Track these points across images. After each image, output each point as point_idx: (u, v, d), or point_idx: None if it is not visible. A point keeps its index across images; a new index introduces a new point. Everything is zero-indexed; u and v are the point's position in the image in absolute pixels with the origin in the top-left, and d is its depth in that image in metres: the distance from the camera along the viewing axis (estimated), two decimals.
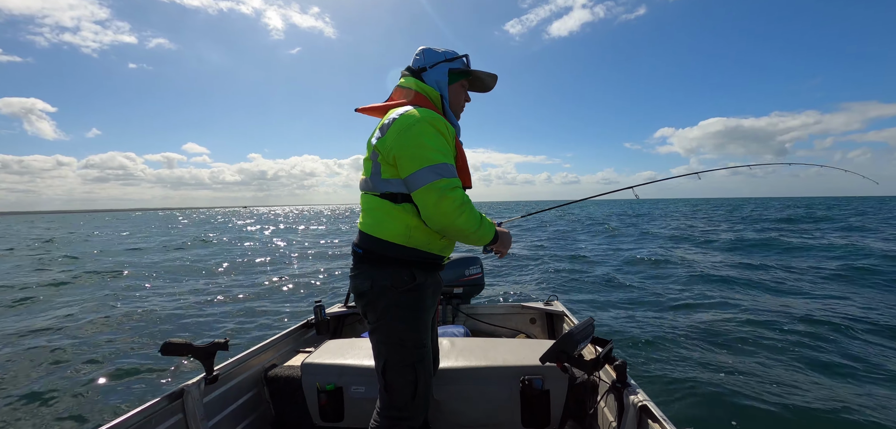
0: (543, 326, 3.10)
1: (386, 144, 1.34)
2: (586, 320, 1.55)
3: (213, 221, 43.20)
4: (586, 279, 8.32)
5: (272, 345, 2.39)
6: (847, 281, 7.51)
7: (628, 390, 1.53)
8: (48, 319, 6.42)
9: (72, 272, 11.07)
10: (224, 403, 1.96)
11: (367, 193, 1.46)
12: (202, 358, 1.84)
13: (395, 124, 1.34)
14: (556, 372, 1.75)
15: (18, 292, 8.47)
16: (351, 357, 1.99)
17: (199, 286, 8.88)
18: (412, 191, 1.31)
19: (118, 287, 8.95)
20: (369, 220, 1.43)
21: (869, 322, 4.85)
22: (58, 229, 37.88)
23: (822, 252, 11.00)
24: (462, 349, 1.99)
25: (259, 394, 2.16)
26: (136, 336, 5.47)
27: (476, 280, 3.31)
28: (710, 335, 4.57)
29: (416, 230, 1.38)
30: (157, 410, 1.65)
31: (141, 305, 7.11)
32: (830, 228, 19.03)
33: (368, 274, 1.40)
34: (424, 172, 1.27)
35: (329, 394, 1.93)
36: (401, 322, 1.40)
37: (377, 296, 1.39)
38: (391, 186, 1.37)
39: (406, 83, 1.50)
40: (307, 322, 2.83)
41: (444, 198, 1.26)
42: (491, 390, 1.83)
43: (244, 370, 2.11)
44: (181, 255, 15.17)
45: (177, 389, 1.76)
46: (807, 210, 38.92)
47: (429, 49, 1.52)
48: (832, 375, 3.56)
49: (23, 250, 17.70)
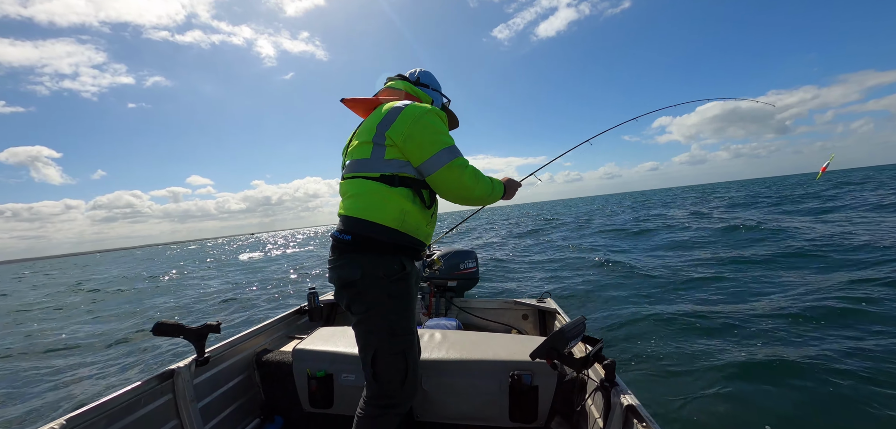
0: (535, 322, 3.12)
1: (399, 130, 1.40)
2: (578, 319, 1.56)
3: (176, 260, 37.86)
4: (575, 275, 8.37)
5: (264, 330, 2.39)
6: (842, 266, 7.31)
7: (616, 389, 1.54)
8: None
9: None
10: (214, 385, 1.96)
11: (357, 176, 1.46)
12: (194, 340, 1.84)
13: (406, 112, 1.43)
14: (545, 369, 1.77)
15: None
16: (342, 345, 2.00)
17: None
18: (432, 172, 1.42)
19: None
20: (360, 203, 1.42)
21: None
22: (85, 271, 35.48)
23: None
24: (453, 342, 2.00)
25: (249, 378, 2.17)
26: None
27: (470, 274, 3.32)
28: (701, 337, 4.61)
29: (410, 215, 1.42)
30: (147, 389, 1.65)
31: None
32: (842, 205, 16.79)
33: (357, 263, 1.39)
34: (443, 153, 1.41)
35: (319, 380, 1.94)
36: (391, 312, 1.41)
37: (368, 286, 1.39)
38: (392, 168, 1.41)
39: (400, 86, 1.64)
40: (300, 309, 2.83)
41: (464, 172, 1.43)
42: (480, 384, 1.84)
43: (235, 354, 2.12)
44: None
45: (167, 369, 1.76)
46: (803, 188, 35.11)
47: (429, 73, 1.75)
48: (833, 376, 3.54)
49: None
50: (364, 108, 1.62)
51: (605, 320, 5.36)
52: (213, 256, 34.87)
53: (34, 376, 4.57)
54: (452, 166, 1.41)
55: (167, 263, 30.46)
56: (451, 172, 1.42)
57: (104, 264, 23.16)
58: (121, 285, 16.39)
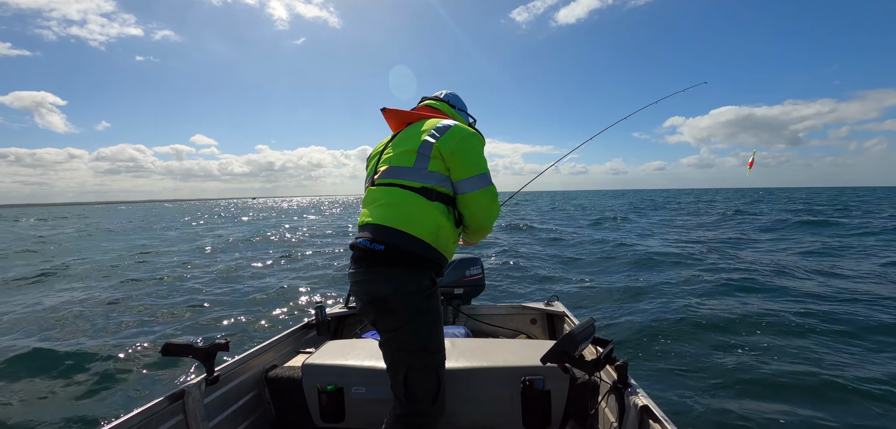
0: (544, 326, 3.10)
1: (448, 144, 1.44)
2: (587, 321, 1.55)
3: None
4: (582, 274, 8.32)
5: (273, 346, 2.39)
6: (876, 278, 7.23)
7: (629, 390, 1.53)
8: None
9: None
10: (225, 403, 1.96)
11: (394, 183, 1.44)
12: (203, 359, 1.84)
13: (456, 129, 1.49)
14: (556, 373, 1.75)
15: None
16: (352, 358, 1.99)
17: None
18: (468, 191, 1.45)
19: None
20: (397, 213, 1.38)
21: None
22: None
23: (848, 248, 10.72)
24: (463, 350, 1.99)
25: (260, 395, 2.16)
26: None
27: (477, 281, 3.31)
28: (715, 334, 4.56)
29: (443, 231, 1.41)
30: (158, 411, 1.65)
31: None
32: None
33: (390, 276, 1.36)
34: (481, 177, 1.46)
35: (330, 395, 1.93)
36: (424, 328, 1.39)
37: (400, 302, 1.36)
38: (433, 180, 1.42)
39: (440, 106, 1.73)
40: (308, 323, 2.83)
41: (493, 201, 1.50)
42: (492, 391, 1.82)
43: (245, 371, 2.12)
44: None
45: (177, 390, 1.76)
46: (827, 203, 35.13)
47: (455, 94, 1.84)
48: (849, 379, 3.48)
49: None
50: (399, 120, 1.65)
51: (614, 321, 5.32)
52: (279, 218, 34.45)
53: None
54: (487, 192, 1.47)
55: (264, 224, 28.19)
56: (484, 196, 1.46)
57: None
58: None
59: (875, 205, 31.77)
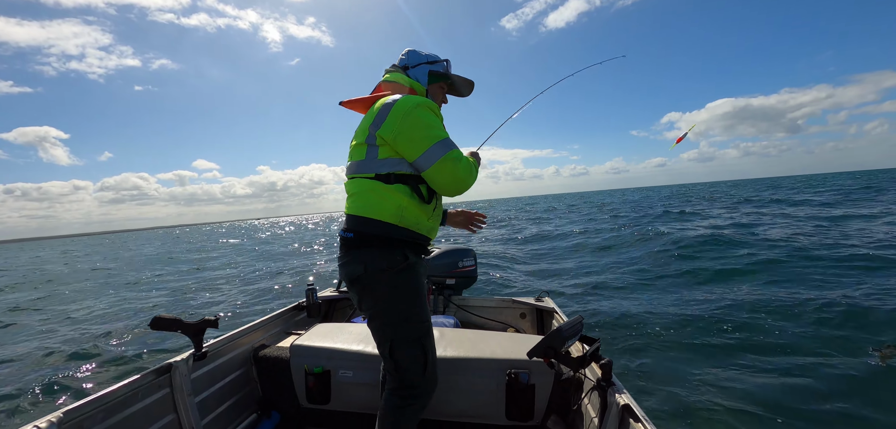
0: (533, 321, 3.12)
1: (389, 128, 1.40)
2: (575, 318, 1.57)
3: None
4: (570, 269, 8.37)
5: (262, 325, 2.40)
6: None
7: (612, 388, 1.55)
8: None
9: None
10: (212, 380, 1.97)
11: (356, 176, 1.48)
12: (191, 334, 1.84)
13: (396, 109, 1.42)
14: (542, 367, 1.77)
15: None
16: (340, 341, 2.00)
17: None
18: (427, 167, 1.40)
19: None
20: (360, 202, 1.45)
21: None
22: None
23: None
24: (451, 340, 2.01)
25: (247, 373, 2.17)
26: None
27: (469, 272, 3.32)
28: (700, 337, 4.60)
29: (408, 210, 1.42)
30: (145, 383, 1.65)
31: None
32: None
33: (360, 258, 1.42)
34: (436, 147, 1.39)
35: (317, 377, 1.94)
36: (402, 301, 1.43)
37: (373, 280, 1.41)
38: (386, 166, 1.42)
39: (393, 78, 1.62)
40: (298, 305, 2.83)
41: (457, 167, 1.41)
42: (477, 382, 1.85)
43: (233, 349, 2.12)
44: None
45: (164, 363, 1.76)
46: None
47: (413, 51, 1.68)
48: (837, 381, 3.50)
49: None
50: (363, 106, 1.62)
51: (603, 319, 5.37)
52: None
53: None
54: (446, 160, 1.39)
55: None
56: (444, 165, 1.40)
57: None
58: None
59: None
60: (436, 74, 1.67)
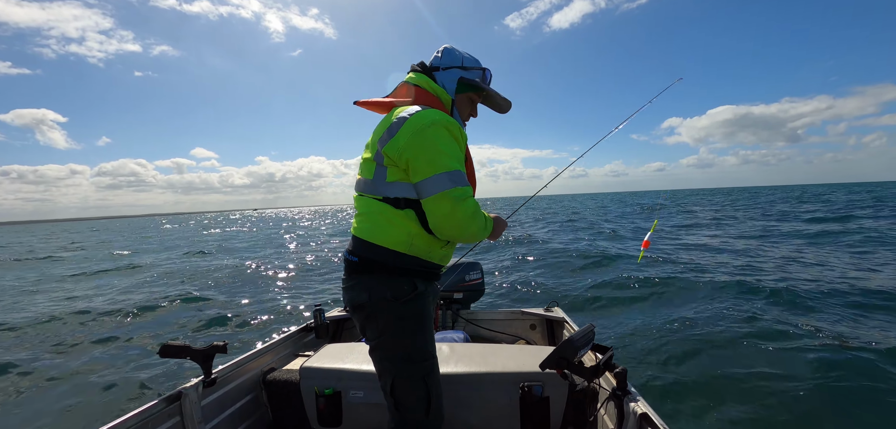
0: (543, 332, 3.09)
1: (397, 146, 1.25)
2: (587, 327, 1.54)
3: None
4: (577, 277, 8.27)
5: (271, 348, 2.38)
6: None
7: (628, 397, 1.52)
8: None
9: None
10: (222, 406, 1.95)
11: (365, 195, 1.38)
12: (200, 361, 1.83)
13: (407, 125, 1.25)
14: (555, 379, 1.74)
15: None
16: (350, 362, 1.98)
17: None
18: (425, 197, 1.25)
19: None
20: (368, 225, 1.35)
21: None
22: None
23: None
24: (461, 355, 1.98)
25: (257, 397, 2.15)
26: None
27: (476, 286, 3.30)
28: (718, 342, 4.51)
29: (418, 238, 1.32)
30: (155, 412, 1.64)
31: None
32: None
33: (365, 285, 1.33)
34: (440, 178, 1.22)
35: (327, 399, 1.92)
36: (405, 336, 1.34)
37: (376, 309, 1.33)
38: (396, 191, 1.29)
39: (415, 80, 1.41)
40: (306, 326, 2.82)
41: (457, 207, 1.23)
42: (490, 397, 1.81)
43: (242, 374, 2.11)
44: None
45: (174, 391, 1.75)
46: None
47: (450, 49, 1.44)
48: (856, 395, 3.38)
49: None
50: (380, 108, 1.46)
51: (614, 328, 5.30)
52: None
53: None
54: (447, 196, 1.21)
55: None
56: (442, 201, 1.22)
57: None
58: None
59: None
60: (467, 83, 1.44)
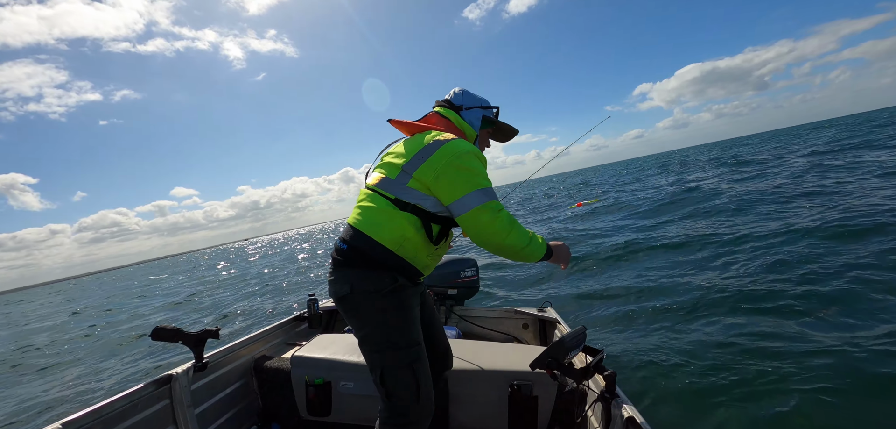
0: (536, 332, 3.10)
1: (432, 167, 1.37)
2: (579, 329, 1.55)
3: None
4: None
5: (263, 336, 2.39)
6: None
7: (617, 400, 1.53)
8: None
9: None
10: (212, 391, 1.95)
11: (377, 190, 1.44)
12: (192, 345, 1.83)
13: (444, 149, 1.39)
14: (545, 379, 1.76)
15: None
16: (341, 353, 1.99)
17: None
18: (462, 212, 1.37)
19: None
20: (365, 217, 1.42)
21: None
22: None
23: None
24: (453, 351, 1.99)
25: (247, 384, 2.15)
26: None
27: (471, 283, 3.30)
28: (709, 347, 4.54)
29: (409, 242, 1.39)
30: (144, 395, 1.64)
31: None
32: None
33: (347, 277, 1.38)
34: (477, 194, 1.36)
35: (317, 388, 1.92)
36: (388, 324, 1.39)
37: (359, 301, 1.38)
38: (409, 196, 1.39)
39: (446, 114, 1.60)
40: (299, 315, 2.82)
41: (496, 217, 1.37)
42: (479, 394, 1.83)
43: (234, 360, 2.11)
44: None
45: (164, 375, 1.75)
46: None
47: (466, 91, 1.67)
48: (858, 398, 3.36)
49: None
50: (409, 129, 1.60)
51: (606, 330, 5.32)
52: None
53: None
54: (483, 209, 1.36)
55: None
56: (482, 213, 1.36)
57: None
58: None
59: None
60: (488, 120, 1.68)
